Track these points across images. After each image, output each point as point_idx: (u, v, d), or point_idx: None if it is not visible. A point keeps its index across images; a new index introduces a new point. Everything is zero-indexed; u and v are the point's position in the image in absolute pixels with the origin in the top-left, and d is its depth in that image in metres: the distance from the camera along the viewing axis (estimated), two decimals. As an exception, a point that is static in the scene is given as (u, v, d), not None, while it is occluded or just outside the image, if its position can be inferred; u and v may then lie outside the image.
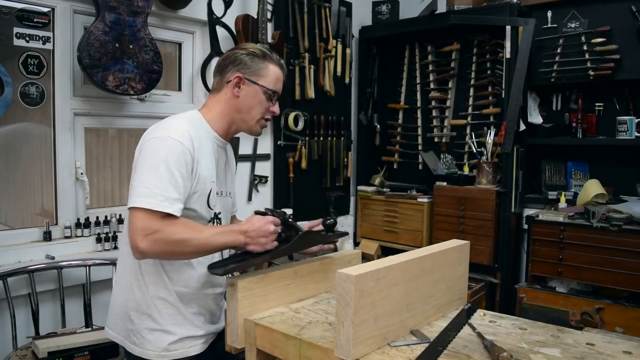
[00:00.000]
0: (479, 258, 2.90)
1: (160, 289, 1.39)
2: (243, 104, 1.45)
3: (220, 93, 1.47)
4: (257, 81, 1.44)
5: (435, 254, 1.28)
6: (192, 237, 1.26)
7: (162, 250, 1.25)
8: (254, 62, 1.44)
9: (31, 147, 2.28)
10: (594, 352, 1.10)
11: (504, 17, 2.90)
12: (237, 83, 1.43)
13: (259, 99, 1.45)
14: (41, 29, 2.16)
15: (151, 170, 1.27)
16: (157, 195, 1.24)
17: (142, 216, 1.23)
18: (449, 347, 1.11)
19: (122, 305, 1.43)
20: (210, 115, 1.46)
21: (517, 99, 2.84)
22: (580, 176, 3.03)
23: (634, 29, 2.67)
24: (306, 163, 3.26)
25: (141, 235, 1.22)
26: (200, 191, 1.38)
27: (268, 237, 1.30)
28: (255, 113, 1.46)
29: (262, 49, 1.48)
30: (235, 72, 1.43)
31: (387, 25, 3.51)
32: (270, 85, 1.45)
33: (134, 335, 1.40)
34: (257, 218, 1.31)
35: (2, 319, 2.01)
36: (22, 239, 2.18)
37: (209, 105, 1.48)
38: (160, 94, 2.60)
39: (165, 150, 1.29)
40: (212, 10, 2.66)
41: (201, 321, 1.46)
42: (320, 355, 1.10)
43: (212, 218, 1.45)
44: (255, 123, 1.48)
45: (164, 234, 1.23)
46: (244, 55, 1.44)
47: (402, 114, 3.67)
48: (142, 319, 1.40)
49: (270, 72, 1.45)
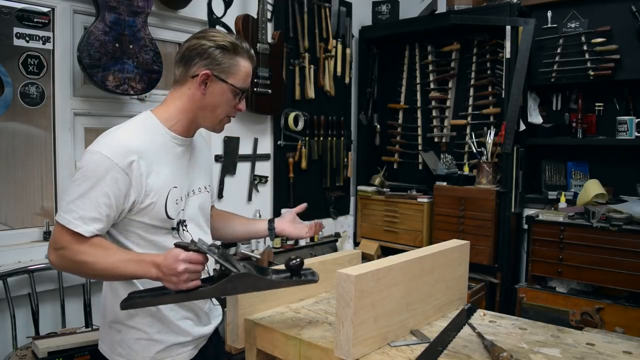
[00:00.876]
0: (479, 258, 2.90)
1: None
2: (208, 102, 1.32)
3: (183, 87, 1.33)
4: (226, 79, 1.30)
5: (435, 254, 1.28)
6: (95, 261, 1.19)
7: (67, 267, 1.22)
8: (224, 57, 1.29)
9: (31, 147, 2.28)
10: (594, 352, 1.10)
11: (504, 17, 2.90)
12: (204, 80, 1.29)
13: (226, 97, 1.32)
14: (41, 29, 2.15)
15: (74, 185, 1.22)
16: (72, 211, 1.19)
17: (57, 230, 1.21)
18: (449, 347, 1.11)
19: (106, 317, 1.38)
20: (168, 114, 1.33)
21: (517, 99, 2.84)
22: (580, 176, 3.03)
23: (634, 29, 2.67)
24: (306, 163, 3.26)
25: (52, 248, 1.21)
26: (153, 203, 1.27)
27: (178, 276, 1.13)
28: (221, 112, 1.34)
29: (232, 40, 1.32)
30: (203, 68, 1.29)
31: (387, 25, 3.51)
32: (239, 84, 1.33)
33: (120, 347, 1.35)
34: (170, 254, 1.15)
35: (2, 319, 2.01)
36: (22, 239, 2.18)
37: (168, 101, 1.35)
38: (160, 94, 2.60)
39: (91, 166, 1.21)
40: (212, 10, 2.66)
41: (188, 325, 1.39)
42: (320, 355, 1.10)
43: (174, 227, 1.34)
44: (219, 122, 1.37)
45: (68, 251, 1.19)
46: (213, 49, 1.29)
47: (402, 114, 3.67)
48: (126, 329, 1.34)
49: (241, 68, 1.32)
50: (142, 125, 1.31)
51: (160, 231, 1.32)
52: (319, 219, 3.38)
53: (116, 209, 1.23)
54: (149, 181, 1.26)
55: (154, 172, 1.27)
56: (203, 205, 1.46)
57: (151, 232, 1.31)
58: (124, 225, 1.29)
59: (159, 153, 1.30)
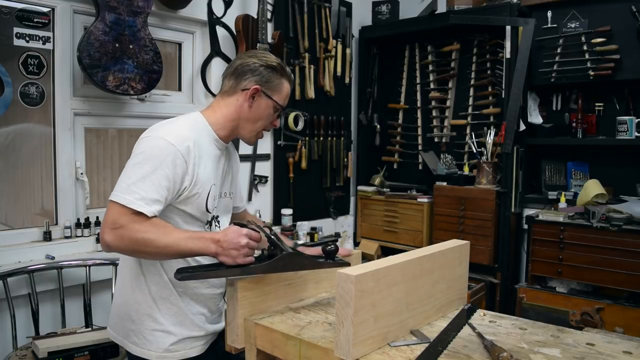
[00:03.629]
0: (479, 258, 2.90)
1: (162, 288, 1.40)
2: (253, 114, 1.45)
3: (231, 97, 1.45)
4: (271, 96, 1.45)
5: (435, 254, 1.28)
6: (157, 238, 1.24)
7: (126, 246, 1.25)
8: (273, 76, 1.44)
9: (31, 147, 2.28)
10: (594, 352, 1.10)
11: (504, 17, 2.90)
12: (253, 94, 1.43)
13: (268, 112, 1.46)
14: (41, 29, 2.16)
15: (136, 167, 1.28)
16: (134, 192, 1.25)
17: (115, 210, 1.25)
18: (449, 347, 1.11)
19: (123, 306, 1.44)
20: (215, 118, 1.45)
21: (517, 99, 2.84)
22: (580, 176, 3.03)
23: (634, 29, 2.67)
24: (306, 163, 3.26)
25: (109, 228, 1.23)
26: (199, 194, 1.37)
27: (239, 250, 1.23)
28: (260, 125, 1.48)
29: (280, 62, 1.48)
30: (254, 83, 1.42)
31: (387, 25, 3.51)
32: (281, 101, 1.47)
33: (134, 336, 1.41)
34: (232, 229, 1.26)
35: (2, 319, 2.01)
36: (22, 239, 2.18)
37: (215, 107, 1.47)
38: (160, 94, 2.60)
39: (154, 150, 1.29)
40: (212, 10, 2.66)
41: (202, 321, 1.47)
42: (320, 355, 1.10)
43: (209, 221, 1.45)
44: (255, 134, 1.50)
45: (128, 230, 1.23)
46: (263, 67, 1.43)
47: (402, 114, 3.67)
48: (143, 319, 1.40)
49: (284, 88, 1.47)
50: (194, 121, 1.43)
51: (196, 222, 1.41)
52: (319, 219, 3.39)
53: (173, 192, 1.31)
54: (199, 171, 1.36)
55: (202, 164, 1.38)
56: (227, 209, 1.57)
57: (188, 222, 1.40)
58: (164, 212, 1.34)
59: (206, 149, 1.41)
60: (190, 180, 1.34)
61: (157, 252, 1.26)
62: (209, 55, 2.70)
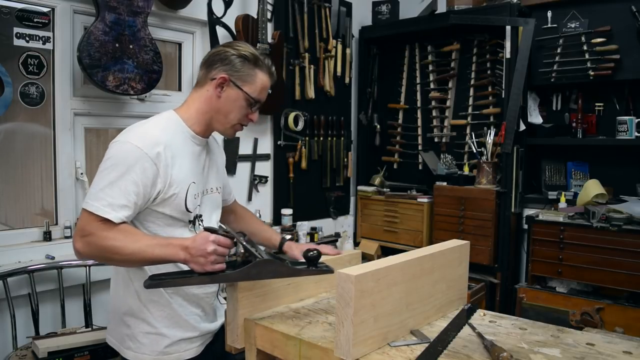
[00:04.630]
0: (479, 258, 2.90)
1: (151, 292, 1.37)
2: (222, 105, 1.39)
3: (202, 89, 1.41)
4: (241, 86, 1.38)
5: (435, 254, 1.28)
6: (124, 245, 1.22)
7: (95, 254, 1.24)
8: (243, 66, 1.37)
9: (31, 147, 2.28)
10: (594, 352, 1.10)
11: (504, 17, 2.90)
12: (220, 83, 1.37)
13: (239, 104, 1.39)
14: (41, 29, 2.15)
15: (104, 173, 1.26)
16: (101, 199, 1.23)
17: (84, 217, 1.24)
18: (449, 347, 1.11)
19: (117, 311, 1.43)
20: (188, 114, 1.41)
21: (517, 99, 2.84)
22: (580, 176, 3.03)
23: (634, 29, 2.67)
24: (306, 163, 3.26)
25: (78, 236, 1.23)
26: (176, 194, 1.33)
27: (207, 257, 1.19)
28: (233, 118, 1.40)
29: (255, 52, 1.40)
30: (222, 72, 1.37)
31: (387, 25, 3.51)
32: (254, 94, 1.39)
33: (129, 340, 1.40)
34: (200, 235, 1.22)
35: (2, 319, 2.01)
36: (22, 239, 2.18)
37: (189, 102, 1.44)
38: (160, 94, 2.60)
39: (122, 155, 1.27)
40: (212, 10, 2.66)
41: (196, 321, 1.45)
42: (320, 355, 1.10)
43: (191, 220, 1.41)
44: (230, 127, 1.43)
45: (96, 238, 1.22)
46: (235, 57, 1.37)
47: (402, 114, 3.67)
48: (137, 323, 1.39)
49: (257, 79, 1.39)
50: (166, 121, 1.39)
51: (178, 223, 1.38)
52: (319, 219, 3.39)
53: (143, 197, 1.28)
54: (172, 172, 1.32)
55: (177, 164, 1.34)
56: (215, 204, 1.53)
57: (169, 224, 1.37)
58: (144, 216, 1.34)
59: (181, 148, 1.37)
60: (163, 182, 1.30)
61: (125, 259, 1.24)
62: (209, 55, 2.70)
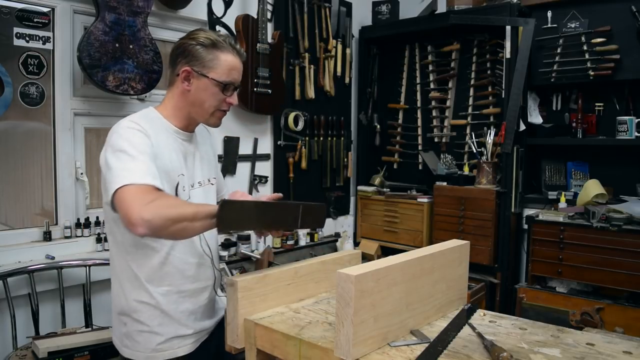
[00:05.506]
0: (479, 258, 2.90)
1: (140, 292, 1.38)
2: (195, 97, 1.38)
3: (173, 87, 1.41)
4: (206, 74, 1.35)
5: (435, 254, 1.28)
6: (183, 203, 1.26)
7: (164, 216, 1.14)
8: (203, 52, 1.35)
9: (31, 147, 2.28)
10: (594, 352, 1.10)
11: (504, 17, 2.90)
12: (186, 77, 1.37)
13: (211, 91, 1.37)
14: (41, 29, 2.16)
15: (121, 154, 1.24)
16: (136, 172, 1.21)
17: (133, 191, 1.17)
18: (449, 347, 1.11)
19: (115, 311, 1.46)
20: (167, 111, 1.42)
21: (517, 99, 2.84)
22: (580, 176, 3.03)
23: (634, 29, 2.67)
24: (306, 163, 3.26)
25: (141, 206, 1.14)
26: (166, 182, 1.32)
27: None
28: (208, 106, 1.39)
29: (212, 37, 1.37)
30: (184, 65, 1.36)
31: (387, 25, 3.51)
32: (222, 77, 1.37)
33: (126, 339, 1.42)
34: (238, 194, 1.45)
35: (2, 319, 2.01)
36: (22, 239, 2.18)
37: (165, 101, 1.44)
38: (160, 94, 2.60)
39: (128, 136, 1.27)
40: (212, 10, 2.66)
41: (191, 320, 1.45)
42: (320, 355, 1.10)
43: None
44: (210, 116, 1.41)
45: (161, 200, 1.18)
46: (192, 46, 1.36)
47: (402, 114, 3.67)
48: (131, 322, 1.41)
49: (221, 62, 1.36)
50: (146, 116, 1.39)
51: None
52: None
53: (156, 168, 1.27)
54: (162, 162, 1.33)
55: (160, 155, 1.33)
56: (208, 197, 1.51)
57: None
58: None
59: (164, 141, 1.37)
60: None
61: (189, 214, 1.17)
62: (209, 55, 2.70)
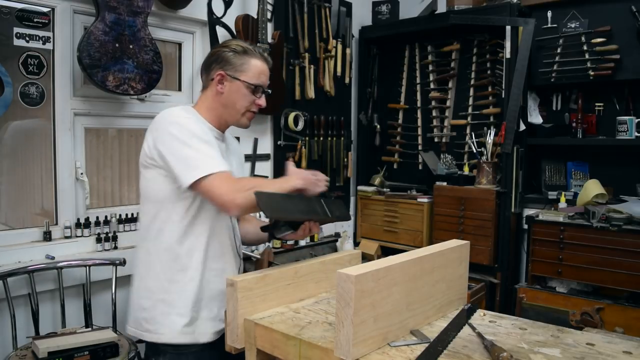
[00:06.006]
0: (479, 258, 2.90)
1: (173, 272, 1.47)
2: (227, 99, 1.53)
3: (207, 90, 1.56)
4: (238, 77, 1.51)
5: (435, 254, 1.28)
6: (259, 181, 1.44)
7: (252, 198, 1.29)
8: (235, 58, 1.51)
9: (31, 147, 2.28)
10: (594, 352, 1.10)
11: (504, 17, 2.90)
12: (219, 80, 1.52)
13: (242, 93, 1.52)
14: (41, 29, 2.15)
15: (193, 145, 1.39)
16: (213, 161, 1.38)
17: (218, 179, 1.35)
18: (449, 347, 1.11)
19: (136, 298, 1.52)
20: (202, 111, 1.56)
21: (517, 99, 2.84)
22: (580, 176, 3.03)
23: (634, 29, 2.67)
24: (306, 163, 3.26)
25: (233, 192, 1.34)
26: None
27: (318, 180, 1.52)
28: (240, 107, 1.54)
29: (243, 45, 1.54)
30: (218, 70, 1.52)
31: (387, 25, 3.51)
32: (253, 80, 1.52)
33: (147, 323, 1.48)
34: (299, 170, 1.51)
35: (2, 319, 2.01)
36: (22, 239, 2.18)
37: (199, 102, 1.58)
38: (160, 94, 2.60)
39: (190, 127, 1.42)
40: (212, 10, 2.66)
41: (217, 307, 1.51)
42: (320, 355, 1.10)
43: None
44: (242, 116, 1.56)
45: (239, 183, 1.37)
46: (226, 53, 1.52)
47: (402, 114, 3.67)
48: (155, 305, 1.47)
49: (251, 66, 1.52)
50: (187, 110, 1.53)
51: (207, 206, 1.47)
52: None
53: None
54: None
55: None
56: None
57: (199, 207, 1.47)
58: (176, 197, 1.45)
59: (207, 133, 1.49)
60: None
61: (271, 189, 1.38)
62: (209, 55, 2.70)
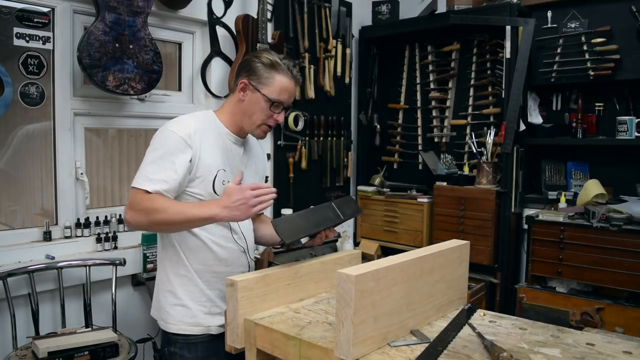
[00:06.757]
0: (479, 258, 2.90)
1: (179, 266, 1.54)
2: (246, 108, 1.56)
3: (233, 95, 1.61)
4: (260, 89, 1.54)
5: (435, 254, 1.28)
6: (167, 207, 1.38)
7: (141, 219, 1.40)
8: (262, 70, 1.54)
9: (31, 147, 2.28)
10: (594, 352, 1.10)
11: (504, 17, 2.90)
12: (242, 88, 1.56)
13: (260, 106, 1.55)
14: (41, 29, 2.15)
15: (148, 157, 1.46)
16: (142, 176, 1.43)
17: (131, 193, 1.44)
18: (449, 347, 1.11)
19: (156, 287, 1.62)
20: (224, 115, 1.61)
21: (517, 99, 2.84)
22: (580, 176, 3.03)
23: (634, 29, 2.67)
24: (306, 163, 3.26)
25: (127, 208, 1.43)
26: (203, 176, 1.50)
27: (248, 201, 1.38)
28: (256, 119, 1.56)
29: (274, 58, 1.56)
30: (244, 78, 1.56)
31: (387, 25, 3.51)
32: (273, 95, 1.54)
33: (161, 312, 1.57)
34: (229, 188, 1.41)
35: (2, 319, 2.01)
36: (22, 239, 2.18)
37: (224, 106, 1.65)
38: (160, 94, 2.60)
39: (161, 140, 1.47)
40: (212, 10, 2.66)
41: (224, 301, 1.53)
42: (320, 355, 1.10)
43: None
44: (256, 127, 1.59)
45: (142, 204, 1.39)
46: (255, 63, 1.55)
47: (402, 114, 3.67)
48: (166, 296, 1.55)
49: (275, 81, 1.54)
50: (203, 115, 1.60)
51: None
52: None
53: (180, 172, 1.44)
54: (201, 155, 1.49)
55: (205, 150, 1.51)
56: None
57: None
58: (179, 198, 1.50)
59: (212, 138, 1.55)
60: (194, 161, 1.47)
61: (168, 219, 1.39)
62: (209, 56, 2.70)
